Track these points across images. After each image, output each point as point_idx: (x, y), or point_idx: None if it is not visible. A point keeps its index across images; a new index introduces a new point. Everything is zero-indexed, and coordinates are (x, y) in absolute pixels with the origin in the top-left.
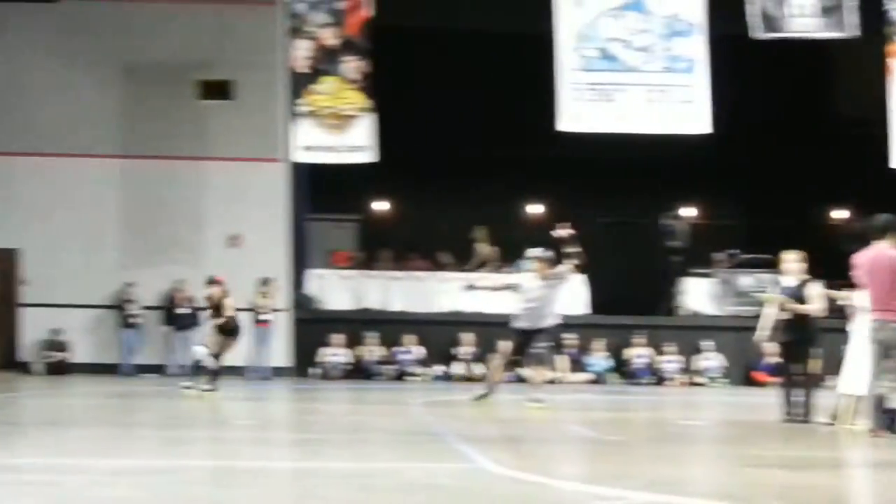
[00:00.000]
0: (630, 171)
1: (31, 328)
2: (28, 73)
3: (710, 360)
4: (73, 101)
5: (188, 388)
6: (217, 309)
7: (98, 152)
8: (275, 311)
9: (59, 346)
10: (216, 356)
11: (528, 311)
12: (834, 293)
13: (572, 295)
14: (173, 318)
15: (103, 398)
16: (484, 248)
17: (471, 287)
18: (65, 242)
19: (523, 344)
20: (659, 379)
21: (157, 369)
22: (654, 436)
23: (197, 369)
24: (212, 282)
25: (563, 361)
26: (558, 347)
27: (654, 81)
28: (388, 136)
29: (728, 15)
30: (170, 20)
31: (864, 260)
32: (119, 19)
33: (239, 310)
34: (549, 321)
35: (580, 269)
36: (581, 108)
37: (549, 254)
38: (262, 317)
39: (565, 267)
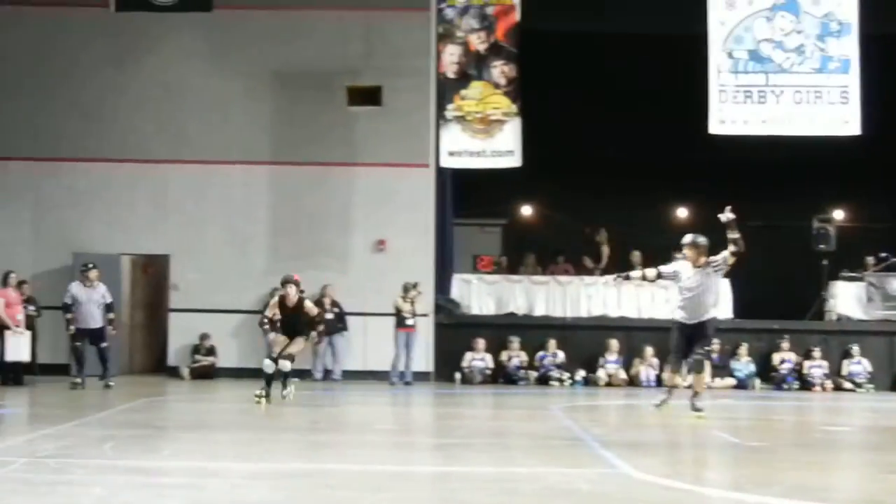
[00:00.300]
0: (780, 173)
1: (180, 333)
2: (181, 82)
3: (858, 364)
4: (224, 108)
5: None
6: (296, 310)
7: (247, 159)
8: (417, 315)
9: (207, 351)
10: (291, 358)
11: (686, 302)
12: None
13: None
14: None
15: (248, 403)
16: (606, 251)
17: (625, 278)
18: (214, 248)
19: (686, 340)
20: (803, 384)
21: (301, 374)
22: (799, 442)
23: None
24: (287, 282)
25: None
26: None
27: (806, 83)
28: (534, 140)
29: (881, 13)
30: (319, 27)
31: None
32: (269, 27)
33: (383, 314)
34: (711, 313)
35: (740, 255)
36: (731, 111)
37: (703, 240)
38: (407, 321)
39: (724, 253)
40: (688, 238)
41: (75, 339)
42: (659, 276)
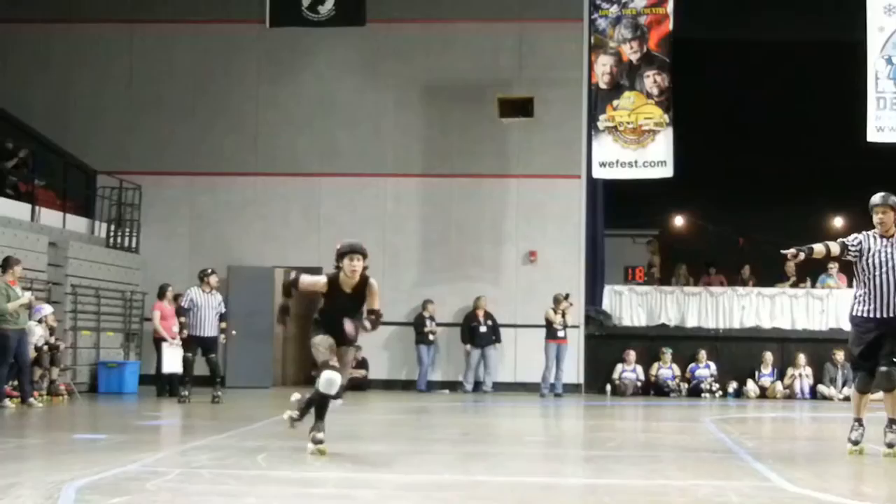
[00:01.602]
0: None
1: None
2: (334, 96)
3: None
4: (376, 121)
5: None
6: (357, 296)
7: (399, 171)
8: (568, 327)
9: (358, 363)
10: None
11: (870, 287)
12: None
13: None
14: (472, 335)
15: (399, 414)
16: (657, 261)
17: (808, 251)
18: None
19: (872, 343)
20: None
21: (452, 386)
22: None
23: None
24: (355, 251)
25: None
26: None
27: None
28: (686, 150)
29: None
30: (471, 39)
31: None
32: (421, 39)
33: (534, 326)
34: None
35: None
36: (890, 118)
37: None
38: (558, 333)
39: None
40: (877, 198)
41: (187, 347)
42: (844, 248)
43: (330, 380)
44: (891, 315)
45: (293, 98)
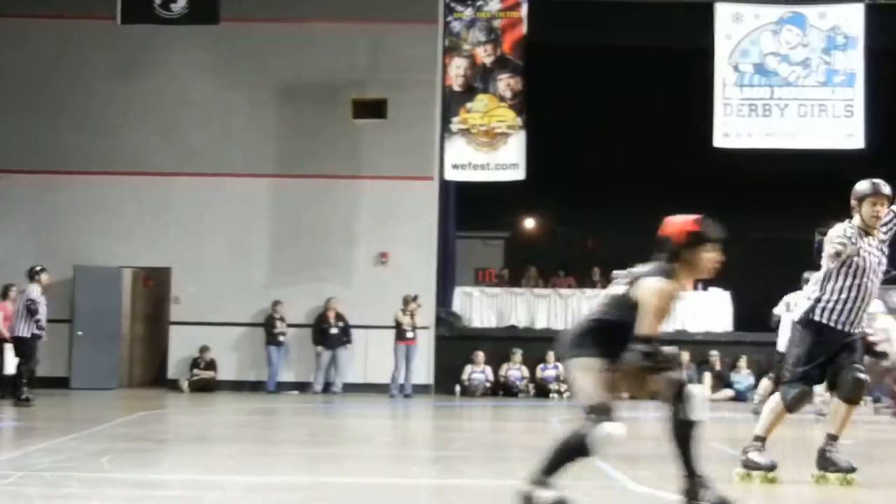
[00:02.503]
0: (783, 186)
1: (180, 346)
2: (186, 95)
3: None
4: (228, 121)
5: None
6: None
7: (251, 172)
8: (418, 328)
9: (207, 364)
10: None
11: (849, 293)
12: None
13: (717, 311)
14: (323, 336)
15: (247, 415)
16: None
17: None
18: (215, 261)
19: (832, 354)
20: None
21: (302, 387)
22: (797, 455)
23: None
24: None
25: (706, 379)
26: (703, 365)
27: (811, 96)
28: (538, 153)
29: (887, 27)
30: (325, 39)
31: None
32: (275, 39)
33: (385, 327)
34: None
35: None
36: (736, 124)
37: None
38: (407, 334)
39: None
40: (870, 186)
41: (35, 346)
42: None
43: (609, 435)
44: (859, 329)
45: (145, 96)
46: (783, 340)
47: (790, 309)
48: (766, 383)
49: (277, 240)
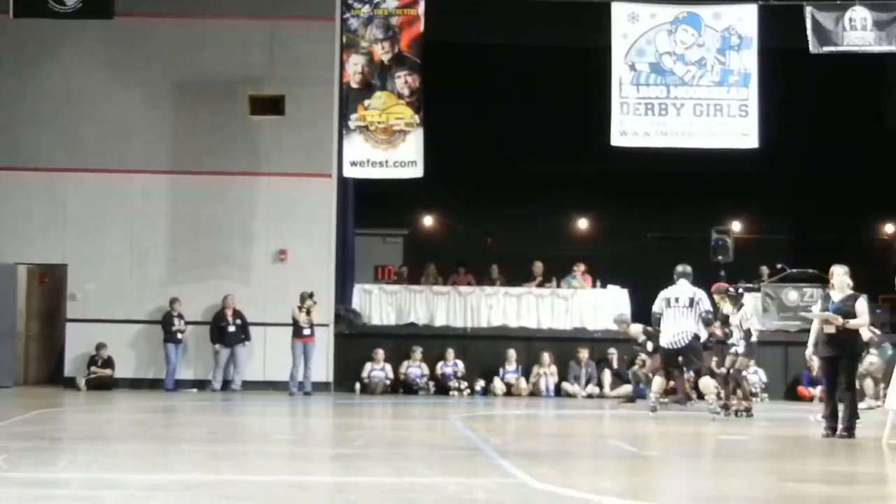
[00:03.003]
0: (679, 185)
1: (77, 343)
2: (81, 89)
3: (754, 374)
4: (124, 117)
5: None
6: None
7: (148, 168)
8: (315, 325)
9: (104, 362)
10: None
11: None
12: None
13: (615, 308)
14: (221, 334)
15: (146, 413)
16: None
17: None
18: (112, 258)
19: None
20: (700, 393)
21: (201, 384)
22: (695, 450)
23: None
24: None
25: (605, 376)
26: (602, 362)
27: (707, 95)
28: (436, 150)
29: (781, 29)
30: (222, 36)
31: None
32: (171, 35)
33: (284, 324)
34: None
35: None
36: (633, 123)
37: None
38: (304, 331)
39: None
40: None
41: None
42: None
43: None
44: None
45: (37, 91)
46: (666, 336)
47: (671, 304)
48: (659, 381)
49: (175, 237)
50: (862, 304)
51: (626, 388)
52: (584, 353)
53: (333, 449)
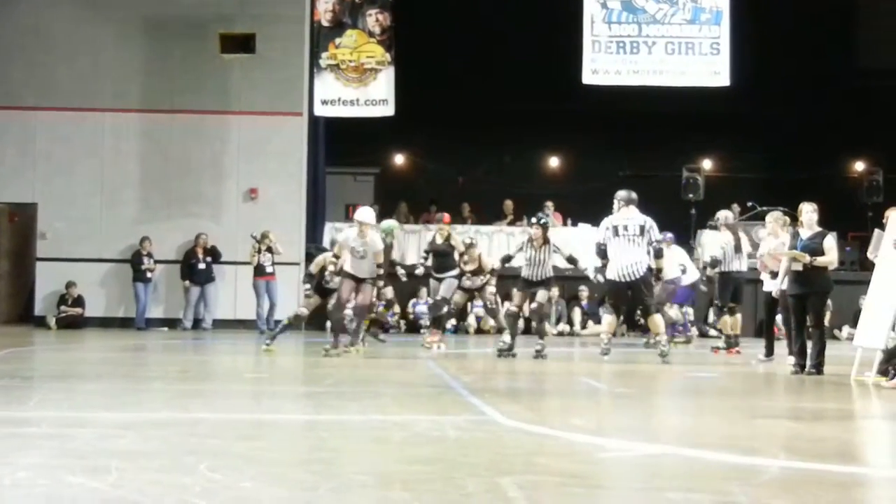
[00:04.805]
0: (651, 123)
1: (47, 282)
2: (51, 28)
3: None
4: (94, 56)
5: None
6: None
7: (118, 106)
8: (281, 264)
9: (74, 301)
10: None
11: None
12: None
13: (585, 247)
14: (191, 272)
15: (116, 352)
16: None
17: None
18: (83, 197)
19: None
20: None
21: (172, 323)
22: (663, 388)
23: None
24: None
25: (576, 314)
26: (573, 300)
27: (678, 34)
28: (408, 89)
29: None
30: None
31: None
32: None
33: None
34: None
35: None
36: (604, 61)
37: None
38: (267, 269)
39: None
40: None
41: None
42: None
43: None
44: None
45: (6, 29)
46: (615, 268)
47: (619, 233)
48: (610, 319)
49: (146, 176)
50: (830, 242)
51: (597, 328)
52: (553, 291)
53: (304, 387)
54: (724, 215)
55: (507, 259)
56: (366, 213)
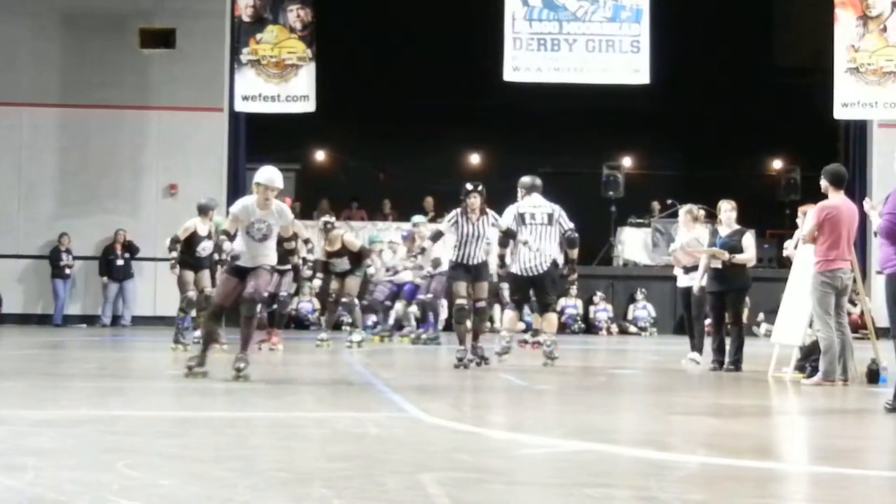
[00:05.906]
0: (571, 120)
1: None
2: None
3: (643, 309)
4: (11, 48)
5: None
6: None
7: (36, 101)
8: None
9: None
10: None
11: None
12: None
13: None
14: (110, 268)
15: (34, 349)
16: None
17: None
18: (0, 192)
19: None
20: (589, 328)
21: (91, 320)
22: (584, 384)
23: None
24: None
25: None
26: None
27: (599, 31)
28: (329, 85)
29: None
30: None
31: (833, 209)
32: None
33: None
34: None
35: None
36: (525, 58)
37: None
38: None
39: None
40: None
41: None
42: None
43: None
44: None
45: None
46: (520, 260)
47: (526, 222)
48: (511, 315)
49: (64, 171)
50: (749, 239)
51: (520, 325)
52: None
53: (224, 384)
54: None
55: (438, 235)
56: (270, 173)
